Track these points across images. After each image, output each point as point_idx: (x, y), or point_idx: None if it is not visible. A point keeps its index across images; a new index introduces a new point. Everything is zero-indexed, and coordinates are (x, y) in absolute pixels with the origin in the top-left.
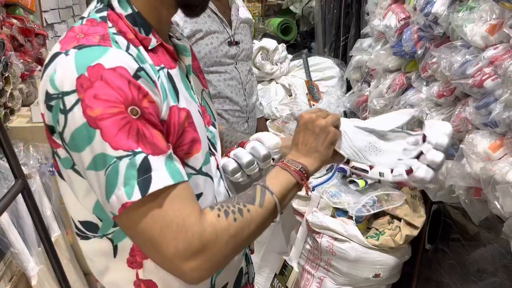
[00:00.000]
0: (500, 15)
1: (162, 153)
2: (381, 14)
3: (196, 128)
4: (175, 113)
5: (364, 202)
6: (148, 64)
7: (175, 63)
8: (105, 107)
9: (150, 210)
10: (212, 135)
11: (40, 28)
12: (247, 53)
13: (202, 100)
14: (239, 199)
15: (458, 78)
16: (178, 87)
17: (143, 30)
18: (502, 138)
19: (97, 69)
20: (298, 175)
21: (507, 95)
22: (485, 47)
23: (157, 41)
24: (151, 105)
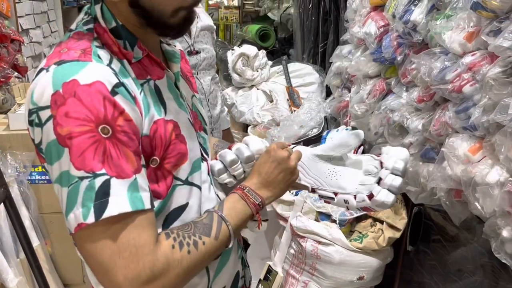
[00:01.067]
0: (477, 23)
1: (127, 177)
2: (361, 21)
3: (185, 139)
4: (161, 126)
5: None
6: (130, 79)
7: (163, 72)
8: (74, 126)
9: (103, 234)
10: (203, 141)
11: (16, 34)
12: (209, 62)
13: (192, 106)
14: (196, 229)
15: (438, 83)
16: (166, 98)
17: (128, 43)
18: (481, 141)
19: (71, 86)
20: (255, 208)
21: (485, 100)
22: (463, 54)
23: (143, 52)
24: (126, 123)
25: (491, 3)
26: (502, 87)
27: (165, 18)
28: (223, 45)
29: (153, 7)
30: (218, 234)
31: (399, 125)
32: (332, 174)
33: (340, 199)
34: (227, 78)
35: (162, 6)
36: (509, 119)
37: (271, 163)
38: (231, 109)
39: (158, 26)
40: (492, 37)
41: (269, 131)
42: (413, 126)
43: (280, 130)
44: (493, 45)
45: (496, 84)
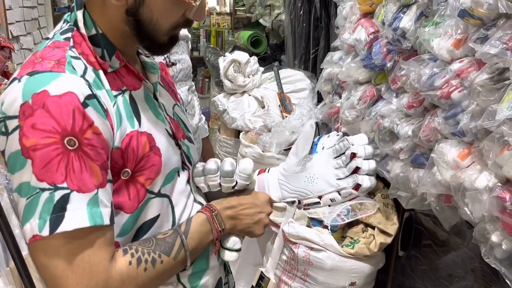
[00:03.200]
0: (464, 30)
1: (88, 191)
2: (351, 28)
3: (159, 151)
4: (134, 138)
5: (338, 212)
6: (104, 90)
7: (140, 83)
8: (39, 138)
9: (58, 248)
10: (187, 149)
11: (6, 41)
12: (185, 72)
13: (174, 115)
14: (156, 246)
15: (427, 90)
16: (141, 109)
17: (106, 52)
18: (470, 147)
19: (41, 96)
20: (217, 235)
21: (473, 106)
22: (451, 61)
23: (120, 63)
24: (95, 136)
25: (478, 11)
26: (489, 94)
27: (160, 34)
28: (214, 51)
29: (151, 20)
30: (177, 256)
31: (389, 130)
32: (310, 180)
33: (325, 200)
34: (219, 84)
35: (161, 20)
36: (497, 125)
37: (253, 204)
38: (222, 115)
39: (148, 40)
40: (479, 44)
41: (261, 137)
42: (403, 132)
43: (272, 136)
44: (480, 52)
45: (484, 91)
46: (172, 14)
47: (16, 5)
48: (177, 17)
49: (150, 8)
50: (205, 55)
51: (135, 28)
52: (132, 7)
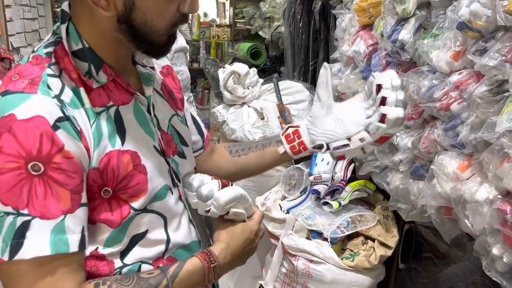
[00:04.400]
0: (463, 42)
1: (52, 218)
2: (350, 40)
3: (145, 169)
4: (114, 158)
5: (338, 224)
6: (82, 109)
7: (131, 97)
8: (4, 162)
9: (19, 274)
10: (176, 166)
11: (6, 52)
12: (184, 84)
13: (169, 128)
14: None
15: (426, 101)
16: (128, 125)
17: (93, 66)
18: (470, 159)
19: (8, 120)
20: (210, 276)
21: (472, 118)
22: (450, 72)
23: (108, 77)
24: (65, 160)
25: (476, 23)
26: (489, 105)
27: (158, 35)
28: (214, 63)
29: (146, 22)
30: None
31: (389, 142)
32: (338, 122)
33: (355, 141)
34: (219, 96)
35: (157, 20)
36: (496, 137)
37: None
38: (222, 126)
39: (146, 44)
40: (478, 56)
41: None
42: (403, 143)
43: None
44: (479, 64)
45: (483, 103)
46: (167, 12)
47: (17, 16)
48: (172, 13)
49: (142, 11)
50: (205, 66)
51: (131, 35)
52: (123, 14)
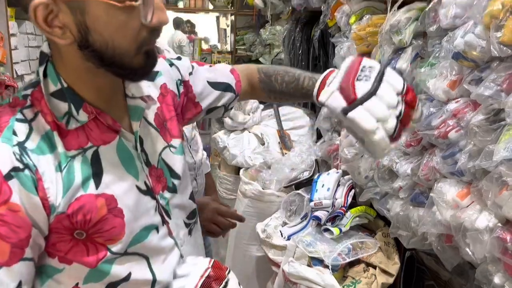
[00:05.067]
0: (459, 71)
1: None
2: None
3: (122, 212)
4: (85, 202)
5: (339, 251)
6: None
7: (114, 135)
8: None
9: None
10: (165, 202)
11: (11, 80)
12: None
13: (159, 162)
14: None
15: (424, 129)
16: (107, 167)
17: (73, 106)
18: (469, 186)
19: None
20: None
21: (470, 146)
22: (448, 101)
23: (89, 116)
24: (10, 213)
25: (471, 53)
26: (486, 134)
27: (128, 57)
28: None
29: (107, 44)
30: None
31: (388, 169)
32: None
33: None
34: (220, 121)
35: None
36: (494, 166)
37: None
38: (223, 152)
39: (118, 67)
40: (474, 85)
41: (261, 174)
42: (402, 170)
43: (272, 173)
44: (475, 94)
45: (480, 131)
46: (127, 28)
47: (21, 45)
48: (134, 29)
49: (98, 32)
50: None
51: (98, 60)
52: (81, 40)
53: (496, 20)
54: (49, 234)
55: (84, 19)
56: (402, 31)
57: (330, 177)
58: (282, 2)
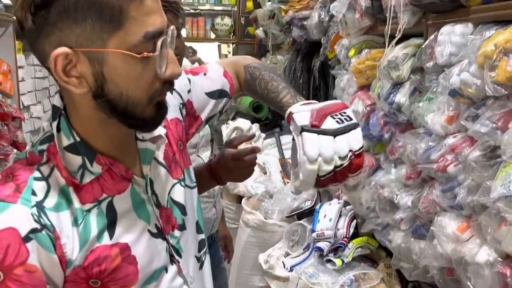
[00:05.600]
0: (456, 107)
1: None
2: (349, 100)
3: (135, 259)
4: (101, 253)
5: (342, 282)
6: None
7: (127, 183)
8: None
9: None
10: (176, 240)
11: (17, 112)
12: (207, 138)
13: (168, 202)
14: None
15: (423, 163)
16: (121, 215)
17: (86, 159)
18: (469, 220)
19: None
20: None
21: (469, 181)
22: (446, 135)
23: (102, 167)
24: (25, 274)
25: (467, 91)
26: (483, 170)
27: (140, 108)
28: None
29: (122, 95)
30: None
31: (389, 200)
32: None
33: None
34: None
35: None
36: (492, 201)
37: None
38: None
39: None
40: (470, 122)
41: (263, 204)
42: (403, 202)
43: (274, 203)
44: (472, 131)
45: (478, 167)
46: (141, 80)
47: (28, 76)
48: (148, 81)
49: (114, 82)
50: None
51: (110, 110)
52: (96, 89)
53: (490, 61)
54: (65, 283)
55: (101, 69)
56: (400, 67)
57: (332, 207)
58: (283, 33)
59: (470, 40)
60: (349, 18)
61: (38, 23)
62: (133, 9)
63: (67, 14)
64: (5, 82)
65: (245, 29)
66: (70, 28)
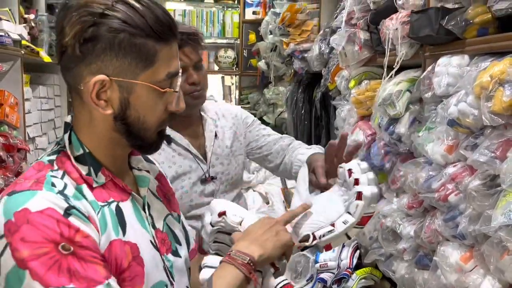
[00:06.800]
0: (455, 136)
1: (98, 284)
2: (349, 130)
3: (143, 261)
4: (117, 247)
5: None
6: (85, 201)
7: (128, 195)
8: (32, 249)
9: None
10: (170, 264)
11: (23, 143)
12: (236, 178)
13: (164, 226)
14: None
15: (425, 192)
16: (128, 220)
17: (92, 169)
18: (472, 250)
19: (23, 214)
20: (246, 268)
21: (470, 210)
22: (446, 164)
23: (106, 178)
24: (85, 239)
25: (465, 121)
26: (484, 199)
27: (149, 132)
28: None
29: (139, 119)
30: None
31: (392, 230)
32: (319, 212)
33: (338, 225)
34: None
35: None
36: (494, 231)
37: (260, 224)
38: None
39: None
40: (469, 151)
41: None
42: (406, 232)
43: None
44: (471, 159)
45: (478, 196)
46: (156, 109)
47: (34, 108)
48: (160, 111)
49: (136, 108)
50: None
51: (125, 132)
52: (119, 112)
53: (486, 91)
54: None
55: (128, 97)
56: (396, 104)
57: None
58: (285, 65)
59: (467, 71)
60: (348, 50)
61: (84, 52)
62: (163, 53)
63: (111, 50)
64: (12, 115)
65: (248, 61)
66: (111, 61)
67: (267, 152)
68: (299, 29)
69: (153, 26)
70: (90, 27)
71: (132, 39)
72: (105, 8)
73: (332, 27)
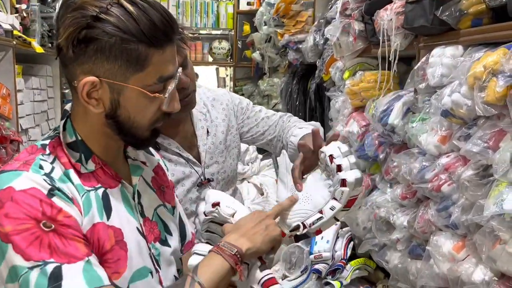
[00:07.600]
0: (448, 127)
1: (78, 260)
2: (344, 121)
3: (126, 246)
4: (100, 229)
5: None
6: (70, 184)
7: (117, 183)
8: (15, 224)
9: None
10: (158, 252)
11: (15, 135)
12: (232, 175)
13: (154, 216)
14: None
15: (418, 182)
16: (114, 205)
17: (83, 156)
18: (464, 239)
19: (7, 192)
20: (232, 260)
21: (462, 200)
22: (439, 155)
23: (96, 166)
24: (67, 219)
25: (458, 111)
26: (477, 189)
27: (141, 130)
28: None
29: (129, 119)
30: None
31: (385, 220)
32: (306, 200)
33: (326, 211)
34: None
35: (138, 117)
36: (486, 220)
37: (251, 217)
38: None
39: (130, 136)
40: (462, 141)
41: None
42: (399, 222)
43: None
44: (464, 150)
45: (471, 186)
46: (147, 111)
47: (27, 99)
48: (152, 112)
49: (126, 109)
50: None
51: (116, 129)
52: (110, 111)
53: (479, 81)
54: None
55: (118, 98)
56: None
57: (329, 229)
58: (279, 56)
59: (460, 62)
60: (343, 41)
61: (76, 53)
62: (156, 58)
63: (102, 53)
64: (4, 106)
65: (242, 52)
66: (102, 63)
67: (271, 137)
68: (294, 20)
69: (146, 31)
70: (83, 29)
71: (124, 44)
72: (99, 12)
73: (326, 18)
